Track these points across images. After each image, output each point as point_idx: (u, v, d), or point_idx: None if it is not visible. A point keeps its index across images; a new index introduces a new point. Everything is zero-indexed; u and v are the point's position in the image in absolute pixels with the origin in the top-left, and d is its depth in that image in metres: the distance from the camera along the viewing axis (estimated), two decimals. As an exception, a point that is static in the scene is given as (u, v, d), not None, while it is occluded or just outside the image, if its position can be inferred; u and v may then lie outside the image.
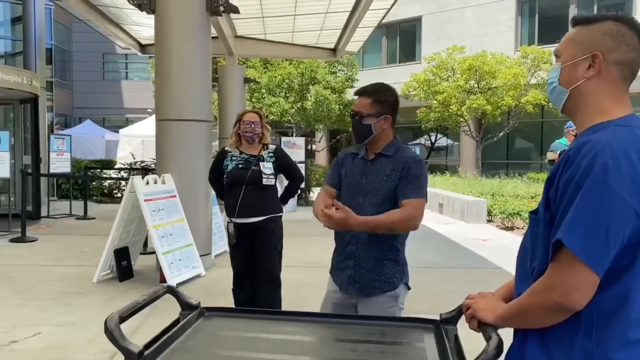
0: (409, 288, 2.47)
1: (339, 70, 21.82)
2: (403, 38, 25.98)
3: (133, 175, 9.76)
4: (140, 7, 6.40)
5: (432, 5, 23.97)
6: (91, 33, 12.84)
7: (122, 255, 5.89)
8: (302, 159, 12.87)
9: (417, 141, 26.00)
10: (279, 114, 19.86)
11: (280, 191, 4.23)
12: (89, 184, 13.14)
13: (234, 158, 4.01)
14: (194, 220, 6.21)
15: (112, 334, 1.42)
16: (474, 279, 6.18)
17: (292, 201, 12.04)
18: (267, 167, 3.95)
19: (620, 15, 1.31)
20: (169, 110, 6.27)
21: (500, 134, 20.03)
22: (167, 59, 6.25)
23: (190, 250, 6.05)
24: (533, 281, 1.28)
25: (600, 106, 1.30)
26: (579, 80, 1.32)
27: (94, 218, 10.39)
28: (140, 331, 3.75)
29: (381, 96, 2.40)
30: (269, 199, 3.98)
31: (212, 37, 11.28)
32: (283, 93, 20.17)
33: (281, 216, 4.07)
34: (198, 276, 5.99)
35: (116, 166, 14.93)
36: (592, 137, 1.22)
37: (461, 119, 19.74)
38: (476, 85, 19.17)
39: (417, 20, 24.76)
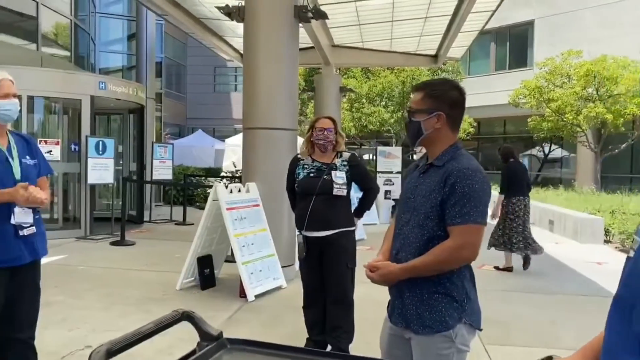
0: (478, 328, 2.02)
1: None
2: (513, 43, 24.56)
3: (224, 183, 9.92)
4: (230, 15, 6.44)
5: (545, 8, 22.43)
6: (203, 48, 13.43)
7: (205, 263, 5.88)
8: (399, 169, 12.46)
9: (529, 152, 24.35)
10: (378, 123, 19.52)
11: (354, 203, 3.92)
12: (192, 190, 13.68)
13: (305, 166, 3.77)
14: (277, 230, 6.08)
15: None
16: (582, 308, 5.42)
17: (385, 213, 11.63)
18: (339, 177, 3.66)
19: None
20: (255, 119, 6.22)
21: (623, 146, 18.12)
22: (254, 67, 6.21)
23: (272, 260, 5.91)
24: None
25: None
26: None
27: (192, 224, 10.73)
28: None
29: (435, 89, 2.01)
30: (341, 211, 3.68)
31: (309, 47, 11.43)
32: (383, 102, 19.82)
33: (353, 231, 3.75)
34: (279, 288, 5.82)
35: (221, 174, 15.47)
36: None
37: (578, 129, 18.14)
38: (595, 92, 17.53)
39: (529, 24, 23.30)
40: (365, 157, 27.88)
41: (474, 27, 10.95)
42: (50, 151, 8.51)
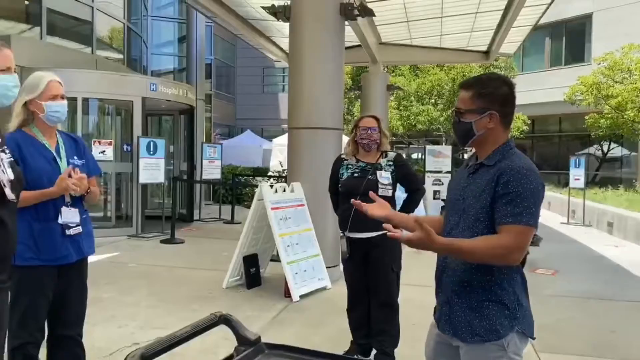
0: (530, 336, 1.89)
1: (495, 75, 20.48)
2: (570, 38, 23.61)
3: (270, 183, 9.97)
4: (276, 15, 6.44)
5: (604, 0, 21.44)
6: (252, 49, 13.59)
7: (250, 262, 5.90)
8: (449, 168, 12.17)
9: (586, 150, 23.34)
10: (427, 122, 19.18)
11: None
12: (240, 190, 13.84)
13: (349, 166, 3.69)
14: (322, 231, 6.04)
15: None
16: (646, 317, 5.10)
17: (434, 213, 11.38)
18: (384, 177, 3.56)
19: None
20: (300, 118, 6.20)
21: (690, 144, 17.10)
22: (299, 66, 6.19)
23: (317, 261, 5.86)
24: None
25: None
26: None
27: (240, 222, 10.83)
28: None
29: (485, 87, 1.89)
30: (386, 212, 3.57)
31: (355, 45, 11.33)
32: (432, 100, 19.45)
33: (399, 232, 3.64)
34: (324, 289, 5.77)
35: (268, 174, 15.60)
36: None
37: (639, 127, 17.24)
38: (660, 88, 16.59)
39: (587, 18, 22.32)
40: (414, 156, 27.52)
41: (527, 22, 10.56)
42: (104, 151, 8.78)
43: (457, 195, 1.97)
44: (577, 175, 12.58)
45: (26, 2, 10.89)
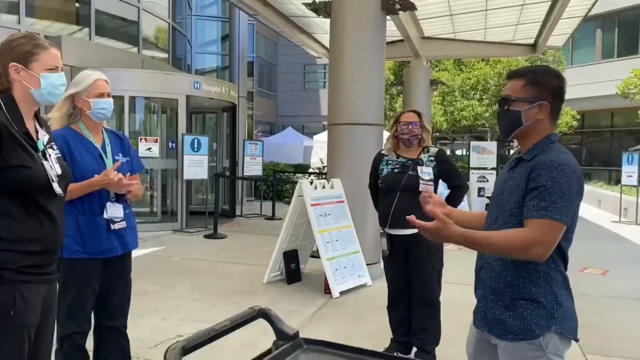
0: (573, 338, 1.83)
1: (542, 68, 19.86)
2: (623, 29, 22.63)
3: (310, 179, 9.99)
4: (317, 11, 6.44)
5: (661, -12, 20.48)
6: (293, 46, 13.65)
7: (290, 258, 5.93)
8: (494, 165, 11.89)
9: (639, 147, 22.40)
10: (471, 117, 18.79)
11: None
12: (281, 186, 13.95)
13: (389, 162, 3.65)
14: (362, 227, 6.01)
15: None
16: None
17: (479, 210, 11.14)
18: (425, 172, 3.51)
19: None
20: (340, 115, 6.18)
21: None
22: (340, 62, 6.17)
23: (357, 257, 5.84)
24: None
25: None
26: None
27: (281, 219, 10.90)
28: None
29: (539, 77, 1.83)
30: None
31: (398, 40, 11.20)
32: (477, 95, 19.03)
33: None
34: (364, 285, 5.75)
35: (309, 170, 15.67)
36: None
37: (699, 121, 16.42)
38: None
39: (641, 8, 21.38)
40: (458, 152, 27.03)
41: (577, 13, 10.18)
42: (150, 148, 9.00)
43: (497, 190, 1.94)
44: (629, 172, 12.07)
45: (76, 4, 11.28)
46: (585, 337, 1.94)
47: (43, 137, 2.07)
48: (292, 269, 5.91)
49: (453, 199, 3.70)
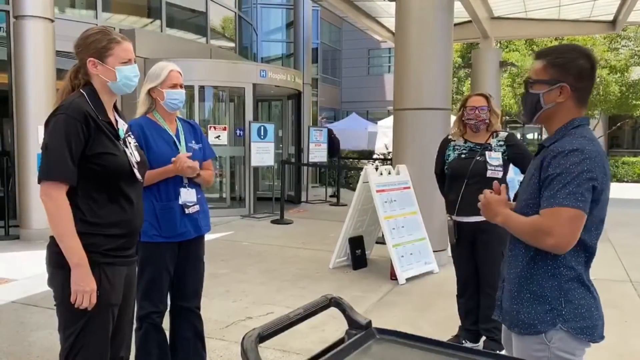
0: (591, 340, 1.71)
1: (622, 46, 18.68)
2: None
3: (375, 165, 9.94)
4: (381, -5, 6.34)
5: None
6: (357, 31, 13.56)
7: (356, 244, 5.96)
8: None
9: None
10: (543, 100, 17.97)
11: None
12: (346, 172, 13.98)
13: (456, 147, 3.57)
14: (428, 214, 5.93)
15: (247, 357, 1.23)
16: None
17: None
18: (494, 158, 3.41)
19: None
20: (406, 100, 6.09)
21: None
22: (406, 45, 6.07)
23: (423, 244, 5.78)
24: None
25: None
26: None
27: (346, 205, 10.95)
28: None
29: (559, 57, 1.72)
30: (496, 195, 3.42)
31: (466, 22, 10.86)
32: (549, 77, 18.18)
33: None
34: (430, 273, 5.69)
35: (373, 156, 15.59)
36: None
37: None
38: None
39: None
40: (529, 136, 25.99)
41: (662, -16, 9.48)
42: (219, 136, 9.26)
43: (524, 180, 1.89)
44: None
45: (148, -2, 11.72)
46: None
47: (122, 127, 2.19)
48: (357, 255, 5.94)
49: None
